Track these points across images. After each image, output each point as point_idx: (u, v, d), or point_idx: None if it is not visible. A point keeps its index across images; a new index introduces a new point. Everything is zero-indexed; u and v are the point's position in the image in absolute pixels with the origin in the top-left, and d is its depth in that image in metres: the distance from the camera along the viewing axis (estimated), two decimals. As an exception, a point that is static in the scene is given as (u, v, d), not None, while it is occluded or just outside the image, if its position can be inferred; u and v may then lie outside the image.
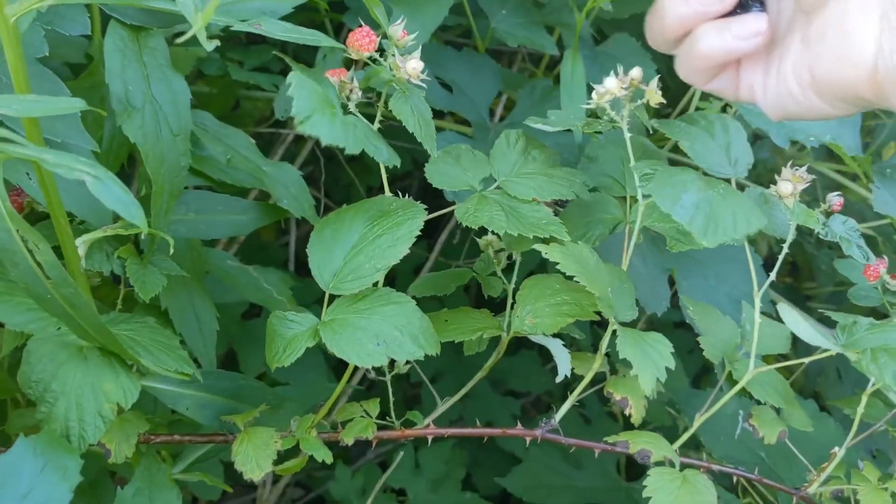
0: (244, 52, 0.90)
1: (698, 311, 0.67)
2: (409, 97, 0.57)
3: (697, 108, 0.77)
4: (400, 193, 0.60)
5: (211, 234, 0.67)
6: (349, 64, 0.60)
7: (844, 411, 0.73)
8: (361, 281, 0.54)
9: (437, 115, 0.86)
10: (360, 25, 0.57)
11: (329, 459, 0.59)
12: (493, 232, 0.62)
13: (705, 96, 0.76)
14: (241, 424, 0.60)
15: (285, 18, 0.71)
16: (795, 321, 0.56)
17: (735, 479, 0.65)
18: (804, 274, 1.26)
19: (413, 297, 0.56)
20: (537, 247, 0.55)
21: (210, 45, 0.46)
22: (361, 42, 0.56)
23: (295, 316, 0.55)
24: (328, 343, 0.52)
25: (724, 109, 0.75)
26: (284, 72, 0.85)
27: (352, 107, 0.57)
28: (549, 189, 0.60)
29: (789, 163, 0.59)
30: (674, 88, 1.10)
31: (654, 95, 0.56)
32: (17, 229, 0.42)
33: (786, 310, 0.57)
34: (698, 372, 1.18)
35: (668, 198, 0.53)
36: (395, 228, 0.55)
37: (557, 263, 0.54)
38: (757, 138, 1.02)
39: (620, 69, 0.58)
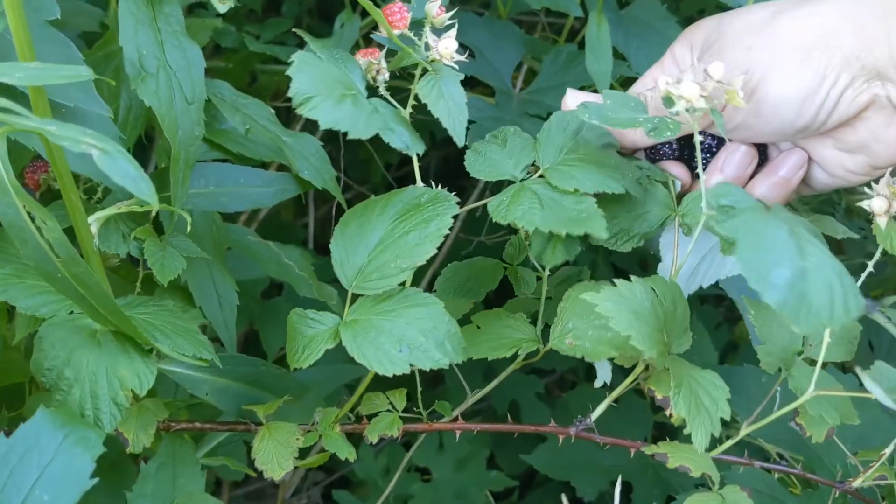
0: (260, 26, 0.89)
1: (759, 316, 0.59)
2: (440, 80, 0.53)
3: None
4: (419, 171, 0.55)
5: (233, 206, 0.65)
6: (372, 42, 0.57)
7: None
8: (386, 281, 0.51)
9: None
10: None
11: (353, 457, 0.57)
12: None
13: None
14: (262, 416, 0.58)
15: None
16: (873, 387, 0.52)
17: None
18: (832, 246, 1.24)
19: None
20: (585, 296, 0.49)
21: (223, 7, 0.44)
22: (392, 18, 0.53)
23: (315, 314, 0.53)
24: (348, 346, 0.50)
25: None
26: (302, 43, 0.84)
27: (381, 89, 0.54)
28: (596, 180, 0.53)
29: (888, 171, 0.53)
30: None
31: (737, 100, 0.48)
32: (25, 205, 0.41)
33: (867, 379, 0.52)
34: (724, 347, 1.16)
35: (759, 273, 0.43)
36: (423, 225, 0.52)
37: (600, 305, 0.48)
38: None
39: (698, 64, 0.50)
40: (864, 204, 0.52)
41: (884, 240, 0.52)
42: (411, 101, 0.54)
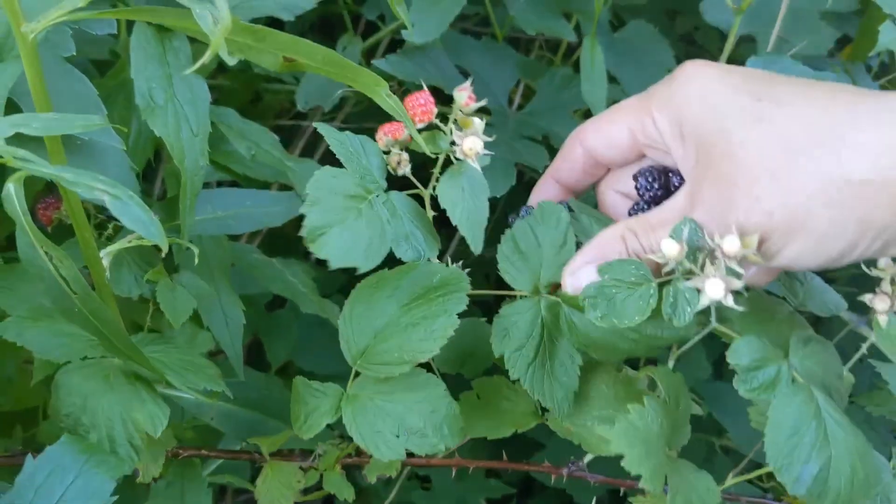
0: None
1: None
2: (462, 179, 0.50)
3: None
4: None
5: (242, 228, 0.66)
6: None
7: (866, 408, 0.72)
8: (388, 368, 0.50)
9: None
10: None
11: (350, 497, 0.58)
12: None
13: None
14: (265, 452, 0.59)
15: (305, 14, 0.72)
16: None
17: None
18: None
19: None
20: (600, 431, 0.50)
21: (232, 60, 0.46)
22: (416, 111, 0.49)
23: (320, 386, 0.53)
24: (348, 426, 0.50)
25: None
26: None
27: (406, 172, 0.51)
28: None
29: (890, 276, 0.51)
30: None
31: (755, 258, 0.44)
32: (41, 245, 0.43)
33: None
34: (718, 358, 1.18)
35: (787, 467, 0.46)
36: (430, 321, 0.50)
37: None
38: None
39: (706, 237, 0.45)
40: (866, 299, 0.52)
41: (884, 340, 0.52)
42: (429, 201, 0.51)
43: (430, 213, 0.52)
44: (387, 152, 0.52)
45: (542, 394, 0.51)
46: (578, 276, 0.50)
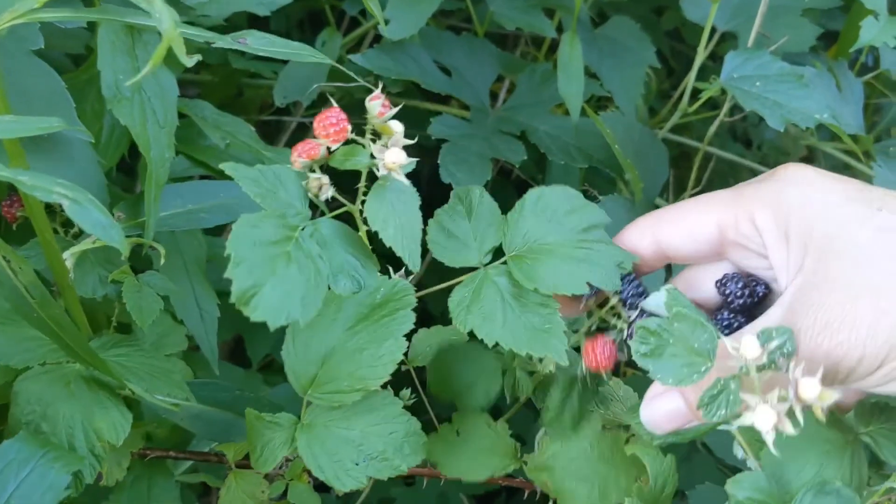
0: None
1: None
2: (388, 196, 0.46)
3: (695, 88, 0.76)
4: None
5: (214, 221, 0.64)
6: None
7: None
8: (340, 397, 0.49)
9: (441, 100, 0.87)
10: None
11: None
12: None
13: (703, 76, 0.76)
14: (231, 460, 0.58)
15: (285, 8, 0.72)
16: None
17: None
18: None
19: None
20: (528, 474, 0.49)
21: (190, 62, 0.46)
22: (328, 131, 0.45)
23: (271, 417, 0.51)
24: (304, 457, 0.49)
25: (722, 92, 0.75)
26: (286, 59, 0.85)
27: (328, 196, 0.47)
28: (573, 274, 0.47)
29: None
30: (679, 71, 1.10)
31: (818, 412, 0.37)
32: None
33: None
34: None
35: None
36: (376, 345, 0.48)
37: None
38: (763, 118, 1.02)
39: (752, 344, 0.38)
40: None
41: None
42: (360, 218, 0.47)
43: (364, 230, 0.47)
44: (312, 170, 0.47)
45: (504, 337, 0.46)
46: (655, 405, 0.45)
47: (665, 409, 0.45)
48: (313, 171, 0.47)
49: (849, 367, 0.39)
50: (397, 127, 0.45)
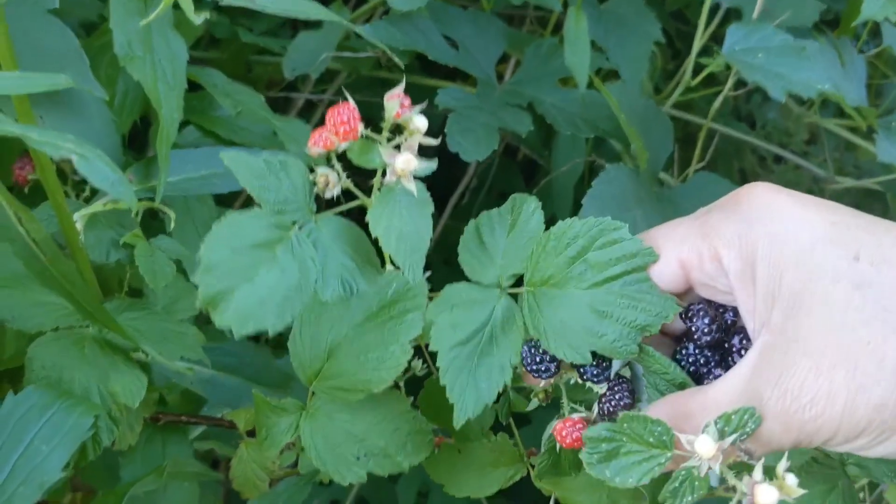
0: (252, 19, 0.92)
1: None
2: (394, 204, 0.41)
3: (696, 63, 0.77)
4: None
5: (226, 187, 0.64)
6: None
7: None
8: (343, 394, 0.47)
9: (447, 78, 0.88)
10: None
11: (327, 479, 0.55)
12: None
13: (707, 52, 0.76)
14: (242, 429, 0.58)
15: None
16: None
17: None
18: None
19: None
20: (535, 482, 0.47)
21: (198, 19, 0.47)
22: (337, 128, 0.41)
23: (277, 403, 0.50)
24: (307, 447, 0.48)
25: (726, 68, 0.76)
26: (296, 31, 0.86)
27: (336, 193, 0.43)
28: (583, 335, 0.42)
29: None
30: (683, 52, 1.11)
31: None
32: (12, 207, 0.43)
33: None
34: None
35: None
36: (382, 347, 0.46)
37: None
38: (766, 98, 1.03)
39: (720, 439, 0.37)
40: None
41: None
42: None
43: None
44: (329, 159, 0.43)
45: (454, 391, 0.43)
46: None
47: None
48: (329, 161, 0.43)
49: (823, 439, 0.37)
50: (421, 124, 0.41)
